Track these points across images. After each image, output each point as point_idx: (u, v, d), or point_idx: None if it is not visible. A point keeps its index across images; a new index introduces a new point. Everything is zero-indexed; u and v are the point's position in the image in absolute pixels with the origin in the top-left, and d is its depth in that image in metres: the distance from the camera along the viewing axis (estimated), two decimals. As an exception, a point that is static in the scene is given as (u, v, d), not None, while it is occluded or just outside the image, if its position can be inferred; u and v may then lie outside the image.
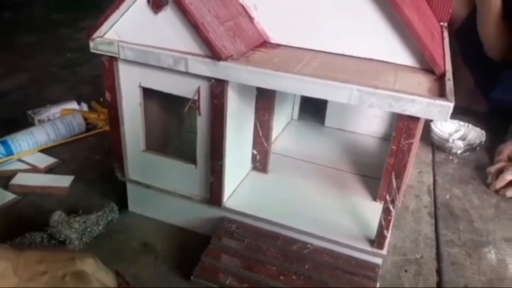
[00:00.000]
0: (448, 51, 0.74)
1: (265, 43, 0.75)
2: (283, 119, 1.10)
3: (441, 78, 0.64)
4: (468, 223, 0.92)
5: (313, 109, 1.15)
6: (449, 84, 0.61)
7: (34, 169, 0.99)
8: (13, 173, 0.96)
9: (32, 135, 1.04)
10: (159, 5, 0.64)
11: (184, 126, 0.99)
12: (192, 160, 0.77)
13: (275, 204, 0.80)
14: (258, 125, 0.85)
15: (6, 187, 0.92)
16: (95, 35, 0.70)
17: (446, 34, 0.84)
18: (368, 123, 1.08)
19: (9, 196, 0.89)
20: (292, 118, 1.16)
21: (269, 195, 0.84)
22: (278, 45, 0.74)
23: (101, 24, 0.69)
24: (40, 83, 1.50)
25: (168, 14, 0.65)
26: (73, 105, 1.26)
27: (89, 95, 1.36)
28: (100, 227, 0.81)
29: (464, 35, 1.34)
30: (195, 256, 0.74)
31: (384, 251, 0.71)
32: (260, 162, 0.89)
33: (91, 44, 0.71)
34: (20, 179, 0.93)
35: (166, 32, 0.66)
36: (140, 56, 0.68)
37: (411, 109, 0.58)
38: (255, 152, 0.88)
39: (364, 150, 1.04)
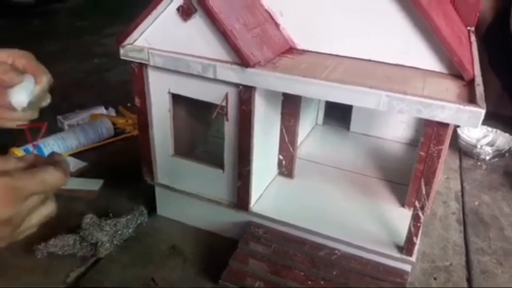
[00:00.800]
0: (476, 56, 0.73)
1: (291, 49, 0.75)
2: (308, 124, 1.10)
3: (470, 84, 0.64)
4: (498, 231, 0.91)
5: (338, 114, 1.15)
6: (479, 89, 0.60)
7: (65, 173, 1.02)
8: (45, 177, 0.98)
9: (63, 140, 1.07)
10: (188, 13, 0.66)
11: (210, 131, 1.00)
12: (220, 165, 0.78)
13: (302, 209, 0.81)
14: (284, 130, 0.85)
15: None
16: (125, 42, 0.72)
17: (473, 38, 0.83)
18: (394, 129, 1.08)
19: (42, 199, 0.91)
20: (317, 123, 1.16)
21: (295, 200, 0.84)
22: (304, 51, 0.75)
23: (131, 31, 0.70)
24: (68, 88, 1.53)
25: (197, 21, 0.66)
26: (101, 110, 1.29)
27: (116, 100, 1.39)
28: (130, 230, 0.83)
29: (491, 40, 1.32)
30: (222, 259, 0.75)
31: (413, 258, 0.71)
32: (286, 167, 0.90)
33: (122, 51, 0.73)
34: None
35: (195, 40, 0.67)
36: (169, 63, 0.70)
37: (440, 115, 0.57)
38: (281, 157, 0.89)
39: (390, 156, 1.03)
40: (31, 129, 0.54)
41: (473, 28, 0.87)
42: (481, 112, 0.55)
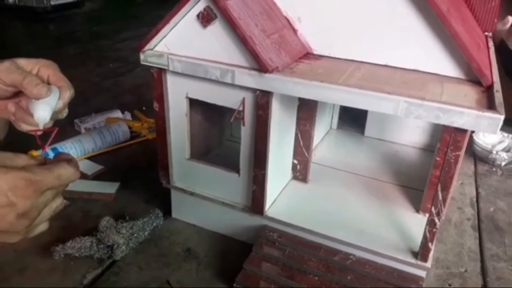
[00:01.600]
0: (494, 62, 0.73)
1: (308, 55, 0.76)
2: (322, 128, 1.10)
3: (488, 90, 0.64)
4: (514, 237, 0.90)
5: (353, 119, 1.15)
6: (498, 95, 0.60)
7: (82, 176, 1.03)
8: (63, 179, 1.00)
9: (80, 143, 1.09)
10: (208, 19, 0.67)
11: (225, 135, 1.01)
12: (235, 168, 0.79)
13: (316, 214, 0.81)
14: (299, 135, 0.86)
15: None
16: (145, 48, 0.73)
17: (491, 44, 0.83)
18: (409, 134, 1.07)
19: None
20: (331, 127, 1.16)
21: (310, 204, 0.84)
22: (321, 56, 0.75)
23: (152, 37, 0.72)
24: (84, 92, 1.56)
25: (217, 28, 0.67)
26: (117, 113, 1.31)
27: (132, 104, 1.40)
28: (146, 233, 0.84)
29: (506, 46, 1.31)
30: (236, 263, 0.75)
31: (428, 264, 0.71)
32: (301, 172, 0.90)
33: (142, 56, 0.74)
34: (69, 185, 0.97)
35: (214, 45, 0.68)
36: (188, 68, 0.71)
37: (459, 121, 0.57)
38: (295, 161, 0.89)
39: (405, 161, 1.03)
40: (44, 134, 0.54)
41: (490, 34, 0.86)
42: (500, 118, 0.55)
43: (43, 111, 0.50)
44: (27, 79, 0.49)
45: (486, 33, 0.87)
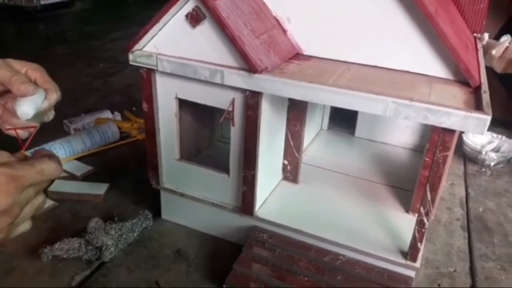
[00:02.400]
0: (482, 63, 0.74)
1: (298, 55, 0.76)
2: (313, 129, 1.10)
3: (476, 90, 0.64)
4: (503, 237, 0.91)
5: (343, 119, 1.15)
6: (486, 96, 0.60)
7: (71, 177, 1.02)
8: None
9: (69, 143, 1.08)
10: (197, 19, 0.66)
11: (216, 136, 1.00)
12: (225, 169, 0.79)
13: (306, 214, 0.81)
14: (289, 135, 0.86)
15: (45, 193, 0.95)
16: (134, 48, 0.72)
17: (479, 45, 0.83)
18: (399, 134, 1.08)
19: (48, 203, 0.92)
20: (322, 128, 1.16)
21: (300, 205, 0.84)
22: (311, 57, 0.75)
23: (141, 37, 0.71)
24: (74, 92, 1.54)
25: (206, 28, 0.67)
26: (107, 114, 1.30)
27: (122, 105, 1.40)
28: (135, 234, 0.83)
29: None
30: (226, 264, 0.75)
31: (417, 264, 0.71)
32: (291, 172, 0.90)
33: (131, 57, 0.73)
34: (58, 186, 0.97)
35: (203, 46, 0.68)
36: (177, 68, 0.70)
37: (447, 122, 0.58)
38: (286, 162, 0.89)
39: (395, 161, 1.03)
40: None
41: (479, 35, 0.87)
42: (487, 119, 0.55)
43: (27, 107, 0.50)
44: (15, 76, 0.49)
45: (475, 34, 0.88)
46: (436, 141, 0.63)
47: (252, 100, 0.69)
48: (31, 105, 0.50)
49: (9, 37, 2.46)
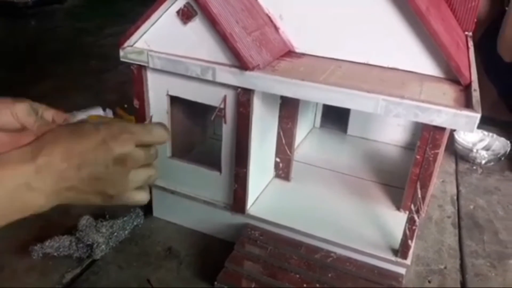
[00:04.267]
0: (473, 61, 0.74)
1: (289, 53, 0.76)
2: (305, 127, 1.11)
3: (466, 89, 0.65)
4: (493, 235, 0.91)
5: (336, 117, 1.15)
6: (475, 94, 0.61)
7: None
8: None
9: (60, 141, 1.07)
10: (188, 16, 0.66)
11: (208, 133, 1.00)
12: (217, 167, 0.79)
13: (298, 212, 0.81)
14: (281, 133, 0.86)
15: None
16: (125, 45, 0.72)
17: (471, 43, 0.84)
18: (391, 132, 1.08)
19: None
20: (314, 126, 1.17)
21: (292, 203, 0.84)
22: (303, 54, 0.75)
23: (132, 34, 0.71)
24: (66, 89, 1.53)
25: (197, 24, 0.66)
26: (99, 111, 1.29)
27: (114, 102, 1.38)
28: (126, 232, 0.83)
29: (486, 45, 1.33)
30: (218, 261, 0.75)
31: (408, 261, 0.71)
32: (283, 170, 0.90)
33: (121, 53, 0.73)
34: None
35: (195, 42, 0.68)
36: (168, 65, 0.70)
37: (437, 120, 0.58)
38: (278, 159, 0.89)
39: (387, 159, 1.03)
40: None
41: (471, 33, 0.87)
42: (477, 117, 0.56)
43: None
44: (38, 123, 0.53)
45: (466, 33, 0.88)
46: (426, 138, 0.63)
47: (243, 97, 0.69)
48: None
49: (0, 33, 2.43)
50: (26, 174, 0.43)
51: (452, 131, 1.18)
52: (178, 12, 0.67)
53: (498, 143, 1.21)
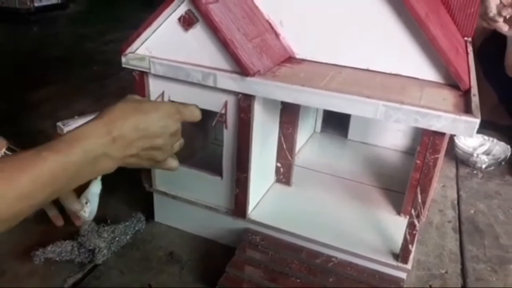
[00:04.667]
0: (472, 66, 0.74)
1: (290, 59, 0.76)
2: (306, 132, 1.11)
3: (466, 94, 0.65)
4: (493, 239, 0.91)
5: (336, 122, 1.16)
6: (475, 100, 0.61)
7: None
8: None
9: (62, 146, 1.07)
10: (190, 23, 0.67)
11: (209, 139, 1.01)
12: (218, 172, 0.79)
13: (299, 217, 0.81)
14: (282, 138, 0.86)
15: None
16: (127, 51, 0.73)
17: (470, 49, 0.84)
18: (391, 137, 1.09)
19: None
20: (315, 131, 1.17)
21: (293, 207, 0.85)
22: (303, 60, 0.76)
23: (133, 40, 0.71)
24: (68, 95, 1.54)
25: (198, 31, 0.67)
26: (101, 117, 1.29)
27: (116, 107, 1.39)
28: (128, 237, 0.83)
29: (487, 51, 1.33)
30: (219, 266, 0.75)
31: (408, 266, 0.71)
32: (284, 175, 0.90)
33: (123, 60, 0.73)
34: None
35: (196, 49, 0.68)
36: (170, 71, 0.71)
37: (437, 125, 0.58)
38: (279, 164, 0.89)
39: (387, 164, 1.04)
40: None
41: (470, 39, 0.88)
42: (476, 122, 0.56)
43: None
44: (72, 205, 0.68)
45: (465, 38, 0.89)
46: (426, 143, 0.63)
47: (244, 103, 0.69)
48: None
49: (2, 39, 2.45)
50: (105, 145, 0.53)
51: (452, 136, 1.19)
52: (179, 19, 0.67)
53: (499, 147, 1.21)
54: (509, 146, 1.20)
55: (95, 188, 0.75)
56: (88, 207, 0.75)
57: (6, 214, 0.46)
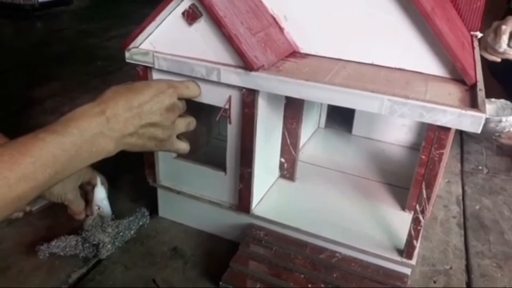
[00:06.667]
0: (478, 61, 0.74)
1: (294, 53, 0.76)
2: (310, 127, 1.11)
3: (472, 88, 0.64)
4: (498, 235, 0.91)
5: (340, 118, 1.16)
6: (481, 94, 0.61)
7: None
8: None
9: (66, 141, 1.07)
10: (193, 17, 0.66)
11: (213, 134, 1.01)
12: (222, 167, 0.79)
13: (303, 212, 0.81)
14: (286, 133, 0.86)
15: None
16: (131, 46, 0.72)
17: (476, 43, 0.83)
18: (396, 132, 1.08)
19: (45, 200, 0.92)
20: (319, 126, 1.17)
21: (296, 203, 0.84)
22: (307, 55, 0.75)
23: (137, 35, 0.71)
24: (72, 91, 1.54)
25: (202, 25, 0.67)
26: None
27: (119, 103, 1.39)
28: (132, 232, 0.84)
29: None
30: (223, 261, 0.75)
31: (413, 261, 0.71)
32: (288, 170, 0.90)
33: (127, 54, 0.73)
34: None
35: (200, 43, 0.68)
36: (174, 66, 0.70)
37: (442, 120, 0.58)
38: (282, 160, 0.89)
39: (392, 159, 1.03)
40: None
41: (477, 33, 0.87)
42: (482, 117, 0.56)
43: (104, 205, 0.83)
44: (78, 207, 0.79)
45: (472, 33, 0.88)
46: (431, 139, 0.63)
47: (248, 97, 0.69)
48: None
49: (7, 34, 2.45)
50: (100, 124, 0.54)
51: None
52: (183, 13, 0.67)
53: None
54: None
55: (100, 194, 0.82)
56: (102, 211, 0.82)
57: (9, 197, 0.47)
